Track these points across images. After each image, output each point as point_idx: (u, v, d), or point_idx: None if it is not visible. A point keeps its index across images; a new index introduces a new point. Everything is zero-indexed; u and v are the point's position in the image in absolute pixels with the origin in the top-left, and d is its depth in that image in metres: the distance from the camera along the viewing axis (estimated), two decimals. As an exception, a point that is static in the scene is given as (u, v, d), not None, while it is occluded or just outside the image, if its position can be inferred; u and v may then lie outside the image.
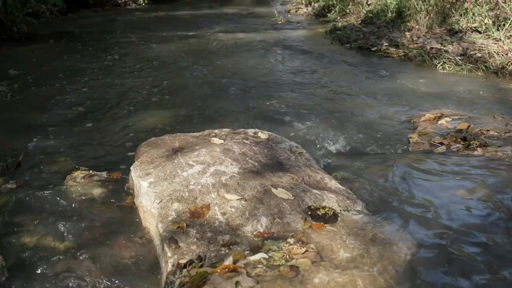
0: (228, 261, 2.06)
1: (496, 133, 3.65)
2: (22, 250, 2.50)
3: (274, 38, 8.92)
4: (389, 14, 8.93)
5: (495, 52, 6.21)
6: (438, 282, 1.97)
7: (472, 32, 7.04)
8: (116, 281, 2.29)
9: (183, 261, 2.10)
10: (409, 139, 3.82)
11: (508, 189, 2.71)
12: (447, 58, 6.37)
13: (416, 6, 8.18)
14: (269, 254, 2.11)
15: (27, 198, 2.98)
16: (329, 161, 3.50)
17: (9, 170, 3.34)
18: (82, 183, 3.12)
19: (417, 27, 7.95)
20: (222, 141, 3.19)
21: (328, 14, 11.41)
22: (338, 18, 10.58)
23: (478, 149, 3.37)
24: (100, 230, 2.66)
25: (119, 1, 15.10)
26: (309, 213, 2.44)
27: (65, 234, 2.62)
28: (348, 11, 10.53)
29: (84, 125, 4.34)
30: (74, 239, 2.58)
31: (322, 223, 2.37)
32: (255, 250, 2.17)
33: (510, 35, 6.47)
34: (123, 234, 2.63)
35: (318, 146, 3.78)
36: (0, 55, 7.36)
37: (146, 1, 15.27)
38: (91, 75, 6.12)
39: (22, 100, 5.05)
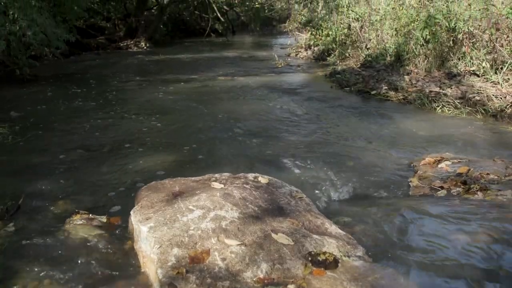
0: (228, 309, 2.04)
1: (496, 177, 3.65)
2: (20, 296, 2.48)
3: (274, 81, 9.01)
4: (388, 58, 9.05)
5: (493, 95, 6.26)
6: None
7: (470, 75, 7.12)
8: (114, 328, 2.27)
9: (182, 308, 2.08)
10: (410, 183, 3.81)
11: (510, 234, 2.70)
12: (446, 101, 6.43)
13: (415, 50, 8.29)
14: (270, 301, 2.09)
15: (26, 242, 2.96)
16: (330, 205, 3.49)
17: (9, 213, 3.33)
18: (81, 227, 3.10)
19: (416, 70, 8.03)
20: (222, 185, 3.19)
21: (328, 58, 11.58)
22: (338, 61, 10.73)
23: (479, 193, 3.36)
24: (99, 275, 2.64)
25: (121, 44, 15.37)
26: (310, 258, 2.43)
27: (64, 279, 2.59)
28: (347, 54, 10.68)
29: (84, 168, 4.34)
30: (73, 284, 2.55)
31: (322, 269, 2.35)
32: (255, 296, 2.15)
33: (508, 78, 6.54)
34: (122, 279, 2.60)
35: (318, 190, 3.78)
36: (2, 97, 7.44)
37: (147, 45, 15.56)
38: (92, 117, 6.17)
39: (23, 142, 5.07)
